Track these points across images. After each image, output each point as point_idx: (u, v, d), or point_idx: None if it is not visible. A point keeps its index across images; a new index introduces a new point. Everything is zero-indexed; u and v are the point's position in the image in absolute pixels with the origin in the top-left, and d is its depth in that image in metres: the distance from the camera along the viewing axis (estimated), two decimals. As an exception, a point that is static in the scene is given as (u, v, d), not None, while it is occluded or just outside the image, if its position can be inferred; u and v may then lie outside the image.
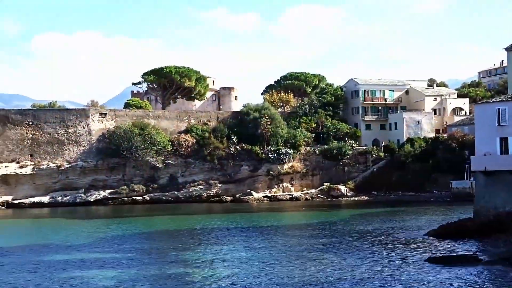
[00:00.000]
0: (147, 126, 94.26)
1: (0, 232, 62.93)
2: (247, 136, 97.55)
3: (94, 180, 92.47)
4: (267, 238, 52.53)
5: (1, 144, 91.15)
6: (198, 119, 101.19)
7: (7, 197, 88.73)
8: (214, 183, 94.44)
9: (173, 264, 39.77)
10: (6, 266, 39.56)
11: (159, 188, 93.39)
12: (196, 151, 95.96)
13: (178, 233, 57.95)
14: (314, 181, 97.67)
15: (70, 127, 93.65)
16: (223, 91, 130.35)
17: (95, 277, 35.60)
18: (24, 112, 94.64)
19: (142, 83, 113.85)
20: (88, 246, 48.64)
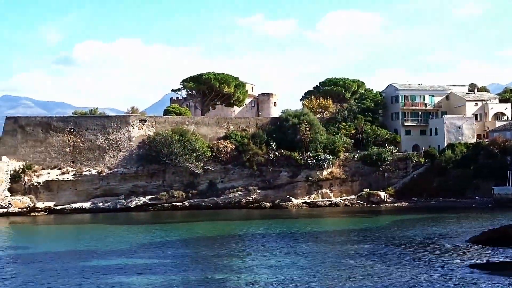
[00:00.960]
0: (186, 132, 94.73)
1: (43, 237, 63.78)
2: (286, 142, 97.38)
3: (134, 186, 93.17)
4: (307, 244, 52.34)
5: (43, 151, 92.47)
6: (237, 125, 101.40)
7: (50, 203, 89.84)
8: (253, 189, 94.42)
9: (213, 270, 39.83)
10: (49, 271, 40.03)
11: (198, 194, 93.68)
12: (235, 157, 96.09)
13: (217, 239, 58.04)
14: (354, 187, 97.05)
15: (110, 133, 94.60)
16: (262, 97, 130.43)
17: (136, 283, 35.82)
18: (66, 119, 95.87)
19: (182, 89, 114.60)
20: (128, 252, 48.97)
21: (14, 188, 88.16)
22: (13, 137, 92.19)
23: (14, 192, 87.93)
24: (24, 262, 43.99)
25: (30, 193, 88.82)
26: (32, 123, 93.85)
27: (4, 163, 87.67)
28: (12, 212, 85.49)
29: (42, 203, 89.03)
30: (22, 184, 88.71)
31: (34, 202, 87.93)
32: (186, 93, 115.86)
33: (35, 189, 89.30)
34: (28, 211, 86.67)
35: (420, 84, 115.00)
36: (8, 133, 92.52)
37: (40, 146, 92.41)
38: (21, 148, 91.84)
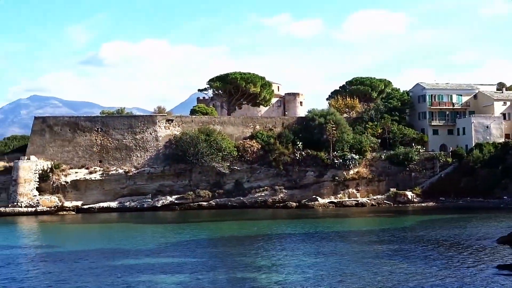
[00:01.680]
0: (213, 132, 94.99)
1: (72, 236, 64.33)
2: (312, 142, 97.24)
3: (161, 185, 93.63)
4: (333, 244, 52.22)
5: (71, 150, 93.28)
6: (264, 125, 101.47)
7: (77, 202, 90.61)
8: (279, 189, 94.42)
9: (239, 269, 39.90)
10: (78, 270, 40.37)
11: (224, 194, 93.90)
12: (262, 156, 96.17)
13: (243, 238, 58.11)
14: (380, 187, 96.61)
15: (137, 133, 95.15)
16: (288, 97, 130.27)
17: (162, 281, 36.00)
18: (93, 119, 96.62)
19: (208, 89, 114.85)
20: (155, 251, 49.22)
21: (42, 187, 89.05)
22: (41, 136, 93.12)
23: (42, 191, 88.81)
24: (52, 261, 44.43)
25: (58, 192, 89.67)
26: (60, 122, 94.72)
27: (32, 163, 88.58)
28: (41, 211, 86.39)
29: (70, 202, 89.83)
30: (50, 183, 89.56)
31: (62, 201, 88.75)
32: (213, 93, 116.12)
33: (63, 188, 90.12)
34: (56, 210, 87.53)
35: (447, 83, 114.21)
36: (36, 133, 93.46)
37: (68, 145, 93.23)
38: (49, 147, 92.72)
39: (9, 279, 37.55)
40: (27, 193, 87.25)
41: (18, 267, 42.25)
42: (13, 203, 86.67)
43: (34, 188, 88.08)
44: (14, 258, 46.89)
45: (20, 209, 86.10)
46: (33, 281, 36.84)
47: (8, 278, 37.85)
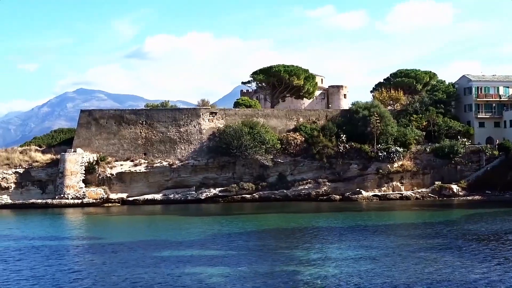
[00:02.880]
0: (256, 124, 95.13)
1: (117, 228, 65.14)
2: (356, 135, 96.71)
3: (205, 178, 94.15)
4: (377, 237, 51.94)
5: (116, 143, 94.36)
6: (307, 118, 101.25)
7: (122, 194, 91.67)
8: (323, 182, 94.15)
9: (282, 262, 39.96)
10: (122, 261, 40.87)
11: (268, 186, 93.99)
12: (305, 149, 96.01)
13: (287, 231, 58.16)
14: (425, 180, 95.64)
15: (181, 126, 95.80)
16: (332, 89, 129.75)
17: (206, 273, 36.23)
18: (138, 112, 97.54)
19: (252, 82, 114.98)
20: (199, 243, 49.56)
21: (88, 180, 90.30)
22: (87, 129, 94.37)
23: (88, 184, 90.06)
24: (98, 252, 45.05)
25: (103, 184, 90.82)
26: (105, 115, 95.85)
27: (79, 155, 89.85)
28: (87, 203, 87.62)
29: (115, 194, 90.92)
30: (96, 175, 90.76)
31: (108, 193, 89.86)
32: (256, 86, 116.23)
33: (109, 181, 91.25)
34: (102, 202, 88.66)
35: (494, 75, 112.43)
36: (82, 126, 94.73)
37: (113, 138, 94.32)
38: (95, 140, 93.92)
39: (60, 270, 38.19)
40: (73, 185, 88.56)
41: (68, 258, 42.97)
42: (60, 195, 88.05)
43: (81, 180, 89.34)
44: (63, 249, 47.70)
45: (66, 201, 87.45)
46: (82, 273, 37.45)
47: (58, 269, 38.49)
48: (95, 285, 33.29)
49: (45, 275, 36.12)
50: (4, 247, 48.39)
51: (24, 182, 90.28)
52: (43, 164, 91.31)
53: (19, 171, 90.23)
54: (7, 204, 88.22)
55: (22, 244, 50.10)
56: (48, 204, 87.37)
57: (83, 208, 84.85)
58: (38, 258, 42.41)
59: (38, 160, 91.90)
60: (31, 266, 39.28)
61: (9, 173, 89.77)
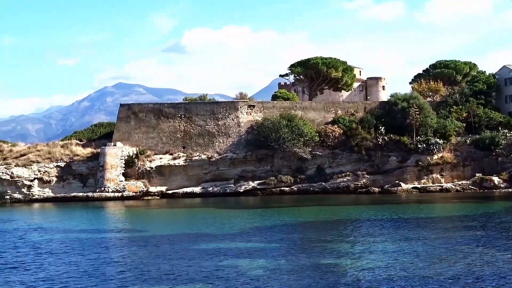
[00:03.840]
0: (294, 117, 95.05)
1: (156, 221, 65.71)
2: (395, 127, 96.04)
3: (243, 171, 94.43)
4: (417, 230, 51.54)
5: (155, 136, 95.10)
6: (345, 110, 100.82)
7: (162, 188, 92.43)
8: (361, 174, 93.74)
9: (321, 254, 39.90)
10: (164, 253, 41.21)
11: (306, 179, 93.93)
12: (344, 142, 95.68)
13: (325, 224, 58.05)
14: (465, 172, 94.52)
15: (220, 119, 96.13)
16: (370, 81, 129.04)
17: (245, 266, 36.34)
18: (176, 106, 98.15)
19: (289, 75, 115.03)
20: (238, 236, 49.71)
21: (128, 173, 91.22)
22: (127, 123, 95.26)
23: (128, 177, 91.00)
24: (140, 245, 45.49)
25: (143, 177, 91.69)
26: (144, 109, 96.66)
27: (119, 149, 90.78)
28: (127, 196, 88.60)
29: (154, 188, 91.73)
30: (136, 169, 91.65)
31: (147, 187, 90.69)
32: (294, 78, 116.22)
33: (148, 174, 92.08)
34: (141, 195, 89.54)
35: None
36: (122, 120, 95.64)
37: (152, 132, 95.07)
38: (134, 134, 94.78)
39: (104, 263, 38.66)
40: (113, 178, 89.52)
41: (111, 251, 43.46)
42: (101, 188, 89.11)
43: (121, 174, 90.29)
44: (106, 242, 48.27)
45: (107, 194, 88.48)
46: (119, 265, 37.83)
47: (103, 262, 38.97)
48: (138, 278, 33.63)
49: (90, 268, 36.61)
50: (48, 240, 49.16)
51: (66, 175, 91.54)
52: (84, 158, 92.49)
53: (60, 165, 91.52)
54: (49, 197, 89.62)
55: (66, 237, 50.84)
56: (89, 197, 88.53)
57: (123, 201, 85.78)
58: (82, 251, 42.99)
59: (79, 154, 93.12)
60: (76, 259, 39.83)
61: (51, 167, 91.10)
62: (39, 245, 46.29)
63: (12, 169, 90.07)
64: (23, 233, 53.53)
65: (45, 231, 55.22)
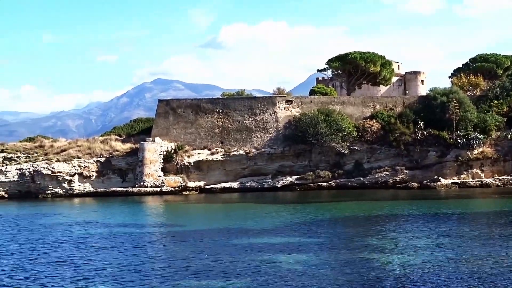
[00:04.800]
0: (332, 112, 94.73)
1: (196, 215, 66.17)
2: (434, 121, 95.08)
3: (281, 166, 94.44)
4: (457, 225, 51.10)
5: (194, 132, 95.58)
6: (384, 105, 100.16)
7: (200, 183, 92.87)
8: (400, 169, 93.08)
9: (360, 249, 39.81)
10: (202, 248, 41.47)
11: (344, 174, 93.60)
12: (382, 136, 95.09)
13: (364, 219, 57.85)
14: (506, 167, 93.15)
15: (257, 114, 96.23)
16: (409, 76, 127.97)
17: (283, 261, 36.43)
18: (214, 101, 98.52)
19: (327, 69, 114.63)
20: (276, 231, 49.82)
21: (167, 168, 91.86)
22: (165, 119, 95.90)
23: (167, 172, 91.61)
24: (179, 239, 45.87)
25: (181, 172, 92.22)
26: (183, 105, 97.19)
27: (157, 144, 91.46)
28: (165, 191, 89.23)
29: (193, 183, 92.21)
30: (174, 164, 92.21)
31: (186, 182, 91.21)
32: (332, 73, 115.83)
33: (186, 169, 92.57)
34: (180, 190, 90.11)
35: None
36: (161, 115, 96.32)
37: (190, 127, 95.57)
38: (173, 129, 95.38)
39: (145, 257, 39.06)
40: (152, 173, 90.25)
41: (150, 245, 43.91)
42: (140, 183, 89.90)
43: (159, 169, 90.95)
44: (146, 236, 48.79)
45: (146, 189, 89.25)
46: (158, 259, 38.17)
47: (143, 256, 39.39)
48: (177, 273, 33.94)
49: (134, 262, 37.01)
50: (91, 234, 49.83)
51: (105, 170, 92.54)
52: (123, 153, 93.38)
53: (100, 160, 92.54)
54: (89, 192, 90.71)
55: (108, 231, 51.45)
56: (128, 192, 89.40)
57: (162, 196, 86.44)
58: (125, 246, 43.47)
59: (118, 149, 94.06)
60: (119, 253, 40.31)
61: (91, 162, 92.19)
62: (83, 239, 46.92)
63: (53, 164, 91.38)
64: (67, 228, 54.32)
65: (87, 225, 55.94)
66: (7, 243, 45.78)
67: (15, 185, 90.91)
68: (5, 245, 44.69)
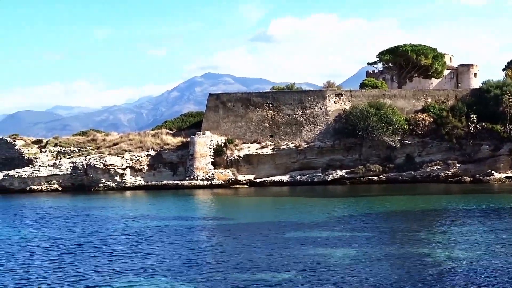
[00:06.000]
0: (383, 105, 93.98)
1: (246, 209, 66.42)
2: (487, 114, 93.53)
3: (331, 159, 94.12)
4: (509, 220, 50.22)
5: (244, 125, 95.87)
6: (435, 98, 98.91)
7: (250, 176, 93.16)
8: (452, 163, 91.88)
9: (410, 244, 39.43)
10: (251, 242, 41.55)
11: (395, 168, 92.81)
12: (434, 130, 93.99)
13: (415, 213, 57.28)
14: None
15: (307, 108, 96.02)
16: (461, 68, 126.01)
17: (333, 255, 36.29)
18: (264, 95, 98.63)
19: (378, 62, 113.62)
20: (326, 224, 49.69)
21: (217, 162, 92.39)
22: (215, 112, 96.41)
23: (217, 166, 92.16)
24: (228, 233, 46.09)
25: (231, 166, 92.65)
26: (233, 99, 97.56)
27: (208, 138, 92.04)
28: (215, 184, 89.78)
29: (243, 176, 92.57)
30: (224, 157, 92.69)
31: (236, 175, 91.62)
32: (382, 66, 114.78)
33: (236, 163, 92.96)
34: (230, 184, 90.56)
35: None
36: (211, 109, 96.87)
37: (240, 121, 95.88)
38: (223, 123, 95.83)
39: (195, 249, 39.35)
40: (203, 167, 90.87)
41: (204, 238, 44.20)
42: (190, 176, 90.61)
43: (210, 163, 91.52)
44: (197, 229, 49.19)
45: (196, 182, 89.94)
46: (208, 251, 38.43)
47: (194, 248, 39.68)
48: (229, 266, 34.11)
49: (186, 255, 37.28)
50: (144, 227, 50.36)
51: (156, 164, 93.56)
52: (174, 147, 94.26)
53: (151, 153, 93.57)
54: (141, 185, 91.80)
55: (162, 224, 51.96)
56: (179, 185, 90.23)
57: (212, 190, 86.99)
58: (177, 238, 43.83)
59: (169, 143, 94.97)
60: (171, 246, 40.66)
61: (142, 155, 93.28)
62: (139, 233, 47.40)
63: (105, 157, 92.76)
64: (122, 221, 54.96)
65: (142, 218, 56.51)
66: (63, 236, 46.56)
67: (68, 178, 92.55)
68: (63, 238, 45.42)
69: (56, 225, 53.10)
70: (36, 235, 46.87)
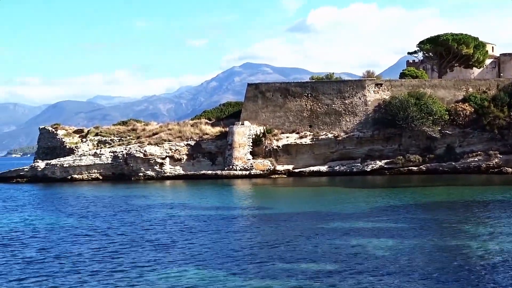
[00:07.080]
0: (423, 95, 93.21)
1: (284, 199, 66.40)
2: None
3: (370, 150, 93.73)
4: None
5: (282, 115, 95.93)
6: (477, 88, 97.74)
7: (288, 166, 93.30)
8: (493, 154, 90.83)
9: (451, 235, 39.06)
10: (288, 231, 41.61)
11: (435, 159, 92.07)
12: (475, 120, 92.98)
13: (455, 204, 56.68)
14: None
15: (346, 98, 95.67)
16: (503, 58, 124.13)
17: (371, 245, 36.14)
18: (303, 85, 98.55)
19: (418, 52, 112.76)
20: (365, 215, 49.46)
21: (255, 151, 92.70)
22: (254, 102, 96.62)
23: (255, 155, 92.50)
24: (268, 223, 46.14)
25: (270, 156, 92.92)
26: (271, 89, 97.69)
27: (246, 128, 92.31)
28: (254, 174, 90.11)
29: (281, 166, 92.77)
30: (263, 147, 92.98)
31: (274, 165, 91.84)
32: (423, 56, 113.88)
33: (275, 153, 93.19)
34: (268, 174, 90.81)
35: None
36: (250, 99, 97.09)
37: (279, 111, 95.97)
38: (261, 113, 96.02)
39: (236, 239, 39.55)
40: (241, 157, 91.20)
41: (241, 228, 44.32)
42: (229, 166, 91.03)
43: (248, 152, 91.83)
44: (236, 218, 49.35)
45: (235, 172, 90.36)
46: (249, 240, 38.59)
47: (234, 238, 39.89)
48: (268, 256, 34.21)
49: (226, 245, 37.43)
50: (185, 217, 50.65)
51: (195, 154, 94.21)
52: (213, 137, 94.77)
53: (190, 143, 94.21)
54: (180, 174, 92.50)
55: (202, 213, 52.26)
56: (218, 175, 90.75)
57: (251, 179, 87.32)
58: (217, 228, 43.99)
59: (208, 133, 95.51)
60: (212, 236, 40.86)
61: (181, 145, 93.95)
62: (180, 222, 47.67)
63: (145, 147, 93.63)
64: (163, 210, 55.29)
65: (182, 208, 56.73)
66: (105, 225, 47.11)
67: (109, 167, 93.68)
68: (106, 228, 45.95)
69: (103, 214, 53.66)
70: (86, 223, 47.43)
